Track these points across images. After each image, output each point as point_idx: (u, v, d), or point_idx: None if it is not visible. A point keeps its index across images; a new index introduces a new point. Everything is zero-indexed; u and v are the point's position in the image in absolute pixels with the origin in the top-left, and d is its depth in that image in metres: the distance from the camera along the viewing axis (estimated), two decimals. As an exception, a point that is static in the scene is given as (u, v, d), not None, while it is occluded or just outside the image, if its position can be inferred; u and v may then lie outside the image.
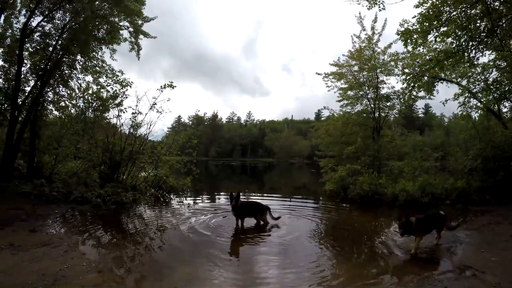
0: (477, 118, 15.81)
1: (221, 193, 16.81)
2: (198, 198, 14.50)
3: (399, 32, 11.28)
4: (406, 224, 6.87)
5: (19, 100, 12.45)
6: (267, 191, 20.19)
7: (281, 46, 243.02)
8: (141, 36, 14.68)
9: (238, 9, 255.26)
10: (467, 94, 14.69)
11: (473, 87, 14.56)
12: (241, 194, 9.59)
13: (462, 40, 10.54)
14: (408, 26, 10.76)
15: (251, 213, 9.64)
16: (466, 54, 10.75)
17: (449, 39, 10.91)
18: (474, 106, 14.89)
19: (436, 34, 10.39)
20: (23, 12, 12.93)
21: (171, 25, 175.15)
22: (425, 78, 13.41)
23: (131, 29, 14.33)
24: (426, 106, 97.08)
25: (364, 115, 17.78)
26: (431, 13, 10.18)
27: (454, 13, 10.14)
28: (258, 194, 17.37)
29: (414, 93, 15.71)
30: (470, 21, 10.08)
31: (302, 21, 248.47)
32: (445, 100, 14.82)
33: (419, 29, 10.50)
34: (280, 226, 9.54)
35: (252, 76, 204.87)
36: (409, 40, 10.89)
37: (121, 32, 14.24)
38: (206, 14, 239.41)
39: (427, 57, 12.99)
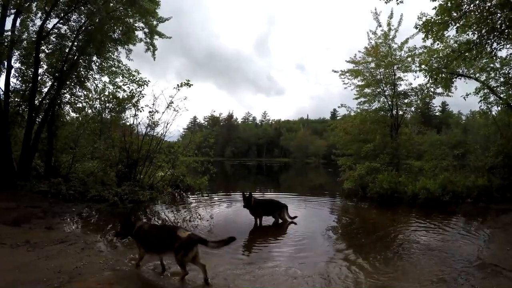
0: (495, 114, 15.43)
1: (237, 192, 16.72)
2: (214, 197, 14.39)
3: (418, 26, 11.05)
4: (125, 225, 5.65)
5: (36, 101, 12.61)
6: (284, 190, 20.07)
7: (294, 43, 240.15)
8: (156, 37, 14.73)
9: (248, 4, 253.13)
10: (486, 90, 14.33)
11: (492, 82, 14.20)
12: (253, 193, 9.40)
13: (483, 31, 10.24)
14: (427, 18, 10.51)
15: (269, 211, 9.51)
16: (488, 46, 10.45)
17: (470, 32, 10.64)
18: (494, 102, 14.53)
19: (458, 25, 10.13)
20: (39, 15, 13.05)
21: (182, 24, 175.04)
22: (443, 74, 13.07)
23: (146, 30, 14.39)
24: (443, 104, 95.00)
25: (382, 112, 17.46)
26: (449, 5, 9.90)
27: (472, 5, 9.85)
28: (274, 193, 17.21)
29: (432, 89, 15.47)
30: (489, 13, 9.76)
31: (314, 16, 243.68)
32: (466, 94, 14.45)
33: (439, 21, 10.21)
34: (296, 224, 9.40)
35: (265, 75, 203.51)
36: (429, 33, 10.59)
37: (136, 33, 14.30)
38: (216, 11, 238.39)
39: (445, 53, 12.66)
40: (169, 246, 5.09)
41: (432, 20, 10.38)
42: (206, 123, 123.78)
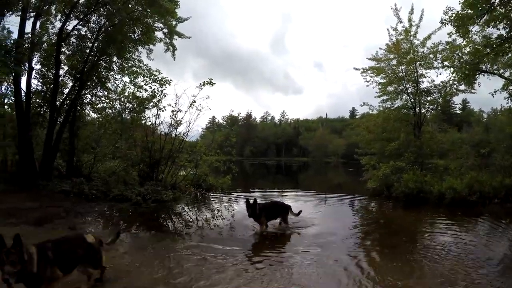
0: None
1: (257, 189, 16.68)
2: (236, 196, 14.28)
3: (444, 20, 10.77)
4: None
5: (57, 102, 12.73)
6: (303, 188, 20.00)
7: (311, 41, 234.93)
8: (175, 37, 14.72)
9: (264, 2, 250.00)
10: (510, 87, 13.90)
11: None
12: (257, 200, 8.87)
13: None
14: (456, 12, 10.20)
15: (273, 215, 8.94)
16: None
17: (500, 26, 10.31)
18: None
19: (486, 19, 9.80)
20: (58, 17, 13.22)
21: (197, 24, 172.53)
22: (466, 71, 12.70)
23: (165, 30, 14.39)
24: (464, 101, 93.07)
25: (405, 110, 17.12)
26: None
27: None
28: (294, 191, 17.12)
29: (455, 86, 15.12)
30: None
31: (331, 13, 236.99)
32: (494, 91, 14.00)
33: (469, 15, 9.88)
34: (315, 225, 9.13)
35: (283, 73, 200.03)
36: (460, 27, 10.28)
37: (155, 33, 14.33)
38: (231, 10, 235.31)
39: (468, 48, 12.31)
40: (86, 256, 4.52)
41: (461, 14, 10.07)
42: (224, 122, 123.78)
